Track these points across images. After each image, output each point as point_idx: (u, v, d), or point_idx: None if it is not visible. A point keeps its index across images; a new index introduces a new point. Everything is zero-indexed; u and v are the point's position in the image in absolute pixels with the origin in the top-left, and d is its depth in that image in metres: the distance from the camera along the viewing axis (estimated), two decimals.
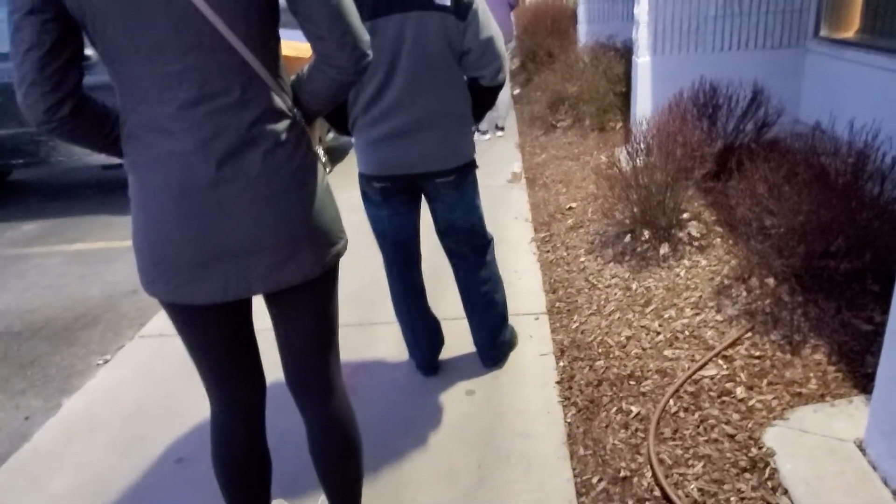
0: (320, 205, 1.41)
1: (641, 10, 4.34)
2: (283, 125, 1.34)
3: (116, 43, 1.22)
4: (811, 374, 2.20)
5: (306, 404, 1.61)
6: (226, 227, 1.31)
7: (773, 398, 2.14)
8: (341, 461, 1.65)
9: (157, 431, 2.39)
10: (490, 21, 2.09)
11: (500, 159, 5.48)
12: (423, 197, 2.31)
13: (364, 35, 1.30)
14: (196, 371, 1.56)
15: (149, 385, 2.70)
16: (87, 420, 2.52)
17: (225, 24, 1.22)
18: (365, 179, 2.24)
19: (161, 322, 3.19)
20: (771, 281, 2.64)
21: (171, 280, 1.35)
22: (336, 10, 1.25)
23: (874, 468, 1.79)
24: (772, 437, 1.98)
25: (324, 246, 1.42)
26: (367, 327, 2.98)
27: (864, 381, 2.12)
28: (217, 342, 1.51)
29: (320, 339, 1.55)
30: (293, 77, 1.42)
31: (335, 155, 6.04)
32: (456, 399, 2.42)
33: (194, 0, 1.18)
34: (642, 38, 4.41)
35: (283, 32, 1.38)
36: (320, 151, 1.50)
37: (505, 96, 6.34)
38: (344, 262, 1.53)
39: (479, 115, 2.27)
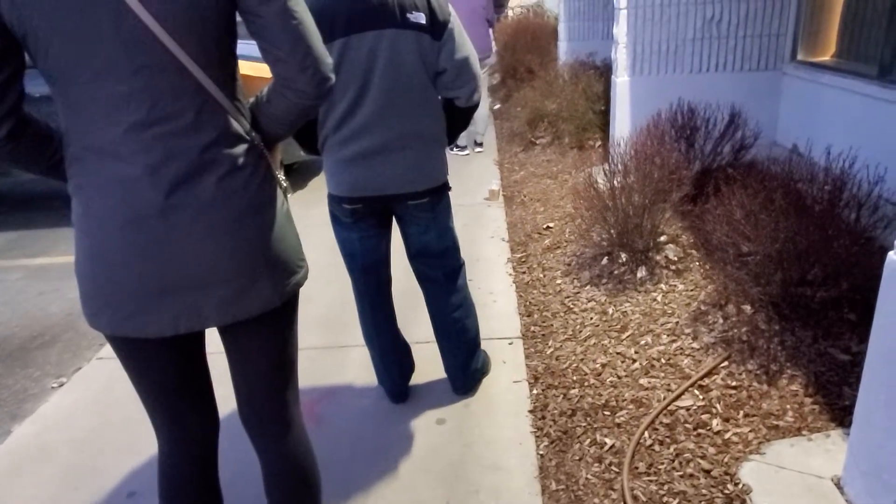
0: (279, 232, 1.34)
1: (620, 31, 4.33)
2: (239, 149, 1.26)
3: (61, 62, 1.15)
4: (788, 406, 2.15)
5: (261, 441, 1.52)
6: (177, 258, 1.23)
7: (750, 431, 2.08)
8: (297, 500, 1.56)
9: (109, 462, 2.27)
10: (465, 41, 2.03)
11: (477, 176, 5.43)
12: (393, 219, 2.24)
13: (326, 58, 1.24)
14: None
15: (104, 411, 2.58)
16: (38, 448, 2.39)
17: (177, 43, 1.15)
18: (335, 200, 2.16)
19: None
20: (748, 308, 2.60)
21: (116, 312, 1.27)
22: (297, 32, 1.18)
23: None
24: (748, 472, 1.92)
25: (283, 275, 1.35)
26: (337, 350, 2.89)
27: (841, 415, 2.08)
28: (167, 377, 1.42)
29: (277, 372, 1.47)
30: (252, 99, 1.34)
31: (308, 170, 5.95)
32: (425, 428, 2.33)
33: (144, 19, 1.11)
34: (621, 58, 4.40)
35: (240, 47, 1.31)
36: (281, 176, 1.42)
37: (483, 112, 6.31)
38: (315, 281, 1.46)
39: (452, 136, 2.21)
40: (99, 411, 2.58)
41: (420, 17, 1.91)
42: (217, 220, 1.24)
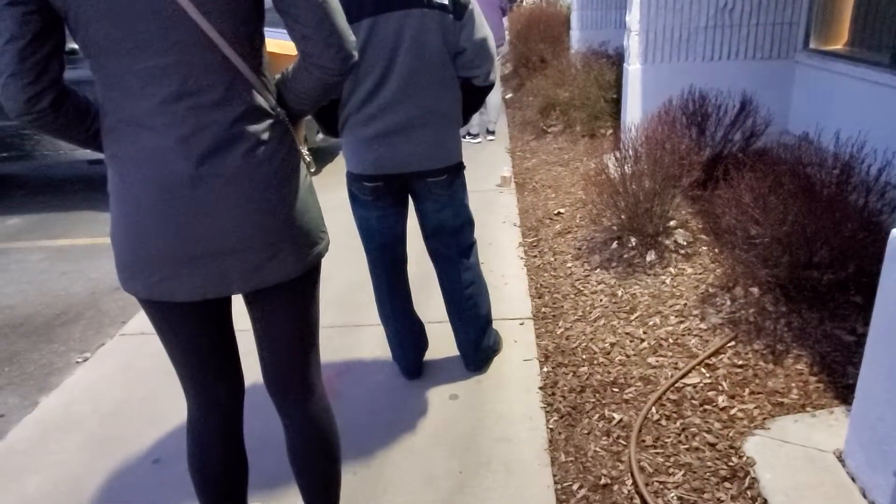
0: (302, 205, 1.40)
1: (633, 19, 4.36)
2: (265, 124, 1.32)
3: (98, 37, 1.21)
4: (793, 384, 2.21)
5: (284, 406, 1.59)
6: (205, 226, 1.30)
7: (755, 407, 2.14)
8: (319, 464, 1.63)
9: (134, 431, 2.36)
10: (483, 22, 2.10)
11: (490, 163, 5.48)
12: (408, 199, 2.30)
13: (350, 36, 1.29)
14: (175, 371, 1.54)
15: (128, 384, 2.67)
16: (64, 419, 2.48)
17: (208, 21, 1.21)
18: (355, 179, 2.23)
19: (143, 320, 3.16)
20: (755, 290, 2.65)
21: (150, 277, 1.34)
22: (322, 10, 1.24)
23: (853, 479, 1.79)
24: (752, 446, 1.98)
25: (305, 246, 1.41)
26: (353, 329, 2.97)
27: (844, 392, 2.13)
28: (195, 341, 1.49)
29: (300, 339, 1.54)
30: (278, 76, 1.40)
31: (325, 154, 6.02)
32: (439, 403, 2.41)
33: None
34: (633, 46, 4.42)
35: (269, 31, 1.37)
36: (305, 151, 1.49)
37: (495, 100, 6.35)
38: (331, 263, 1.52)
39: (467, 116, 2.27)
40: (123, 384, 2.67)
41: None
42: (244, 191, 1.30)
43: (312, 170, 1.52)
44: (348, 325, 3.00)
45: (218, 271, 1.33)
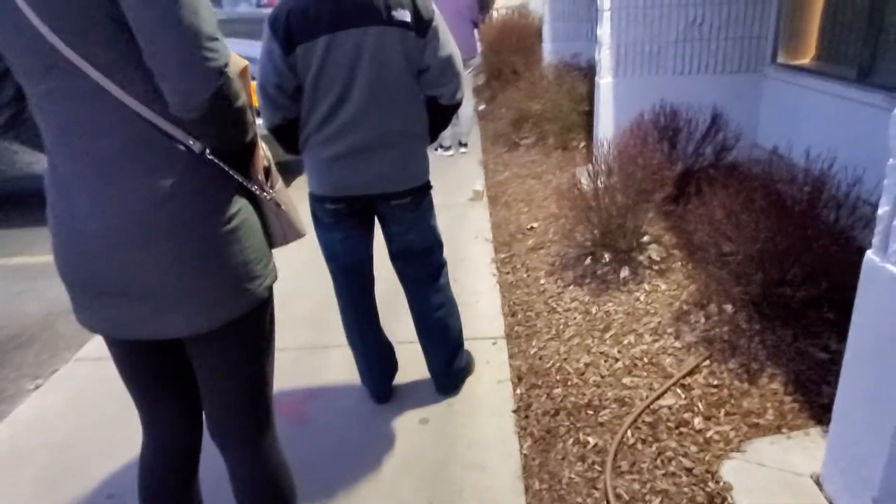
0: (216, 254, 1.22)
1: (604, 32, 4.36)
2: (158, 159, 1.16)
3: (7, 61, 1.17)
4: (768, 405, 2.17)
5: (227, 455, 1.48)
6: (99, 264, 1.20)
7: (731, 429, 2.10)
8: None
9: (88, 464, 2.24)
10: (449, 39, 2.03)
11: (462, 176, 5.43)
12: (375, 219, 2.23)
13: (210, 61, 1.06)
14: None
15: (82, 413, 2.54)
16: (14, 451, 2.34)
17: (65, 43, 1.08)
18: (316, 200, 2.15)
19: (99, 344, 3.02)
20: (729, 307, 2.62)
21: (74, 300, 1.30)
22: (164, 20, 1.03)
23: None
24: (729, 470, 1.94)
25: (222, 297, 1.25)
26: (321, 350, 2.87)
27: (819, 412, 2.10)
28: (141, 374, 1.42)
29: (240, 389, 1.41)
30: None
31: (290, 170, 5.90)
32: (409, 428, 2.33)
33: (31, 18, 1.07)
34: (605, 59, 4.42)
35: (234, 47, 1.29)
36: (277, 183, 1.40)
37: (467, 112, 6.32)
38: (296, 284, 1.44)
39: (434, 135, 2.20)
40: (77, 413, 2.54)
41: (405, 15, 1.91)
42: (128, 234, 1.17)
43: (280, 206, 1.38)
44: (316, 347, 2.90)
45: (120, 313, 1.24)
